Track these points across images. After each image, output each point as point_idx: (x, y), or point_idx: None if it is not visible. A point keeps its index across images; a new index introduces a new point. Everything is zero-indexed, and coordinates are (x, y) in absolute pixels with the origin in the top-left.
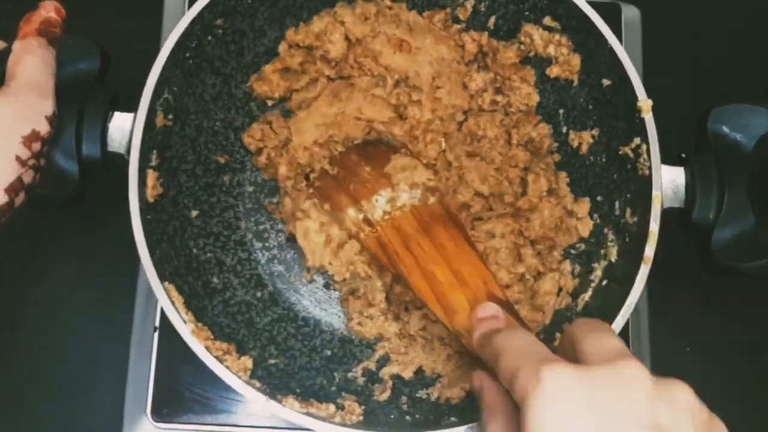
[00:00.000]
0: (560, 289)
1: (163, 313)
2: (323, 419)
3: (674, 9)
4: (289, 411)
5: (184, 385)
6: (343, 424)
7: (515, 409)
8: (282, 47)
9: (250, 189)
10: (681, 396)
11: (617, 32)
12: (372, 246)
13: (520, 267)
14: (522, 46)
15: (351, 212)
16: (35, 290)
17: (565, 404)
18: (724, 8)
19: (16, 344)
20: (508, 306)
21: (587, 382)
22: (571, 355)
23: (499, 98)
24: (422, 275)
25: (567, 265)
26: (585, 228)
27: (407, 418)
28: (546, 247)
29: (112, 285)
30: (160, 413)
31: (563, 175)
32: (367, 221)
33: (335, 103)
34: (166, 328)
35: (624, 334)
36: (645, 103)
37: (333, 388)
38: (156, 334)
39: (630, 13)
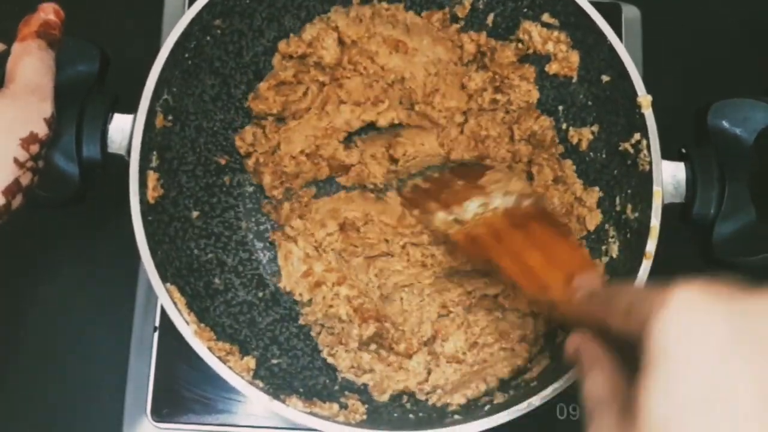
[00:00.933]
0: None
1: (162, 313)
2: (327, 418)
3: (674, 9)
4: (293, 411)
5: (184, 385)
6: (347, 423)
7: (615, 362)
8: (275, 59)
9: (251, 189)
10: None
11: (617, 32)
12: (461, 239)
13: None
14: (520, 45)
15: (441, 214)
16: (36, 290)
17: (694, 316)
18: (724, 8)
19: (17, 344)
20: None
21: (721, 302)
22: None
23: (498, 96)
24: (513, 261)
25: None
26: (593, 221)
27: (410, 416)
28: None
29: (112, 285)
30: (160, 413)
31: (569, 162)
32: (457, 221)
33: (324, 117)
34: (166, 328)
35: None
36: (645, 98)
37: (336, 387)
38: (156, 334)
39: (630, 13)
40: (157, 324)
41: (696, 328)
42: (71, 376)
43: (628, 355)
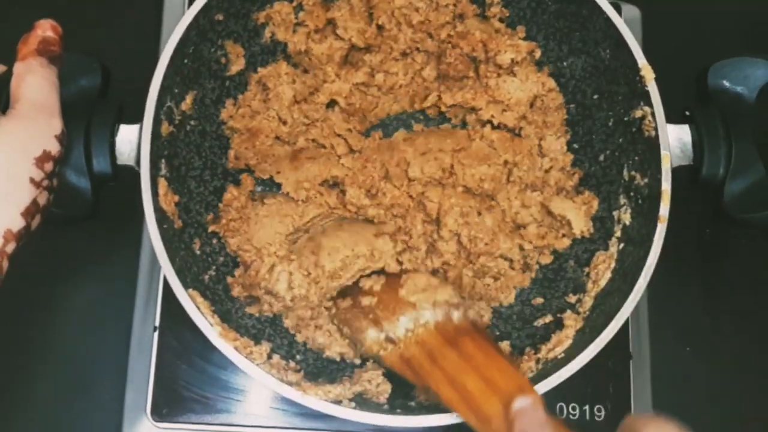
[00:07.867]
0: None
1: (163, 313)
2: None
3: (674, 9)
4: (324, 403)
5: (183, 385)
6: (369, 409)
7: None
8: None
9: (259, 190)
10: None
11: (617, 32)
12: (395, 363)
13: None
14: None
15: (372, 333)
16: (36, 291)
17: None
18: (724, 8)
19: (17, 344)
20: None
21: None
22: None
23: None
24: (452, 386)
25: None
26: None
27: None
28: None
29: (112, 285)
30: (160, 413)
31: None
32: (389, 339)
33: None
34: (166, 328)
35: (624, 333)
36: (647, 70)
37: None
38: (156, 334)
39: (630, 13)
40: (157, 324)
41: None
42: (71, 376)
43: None
